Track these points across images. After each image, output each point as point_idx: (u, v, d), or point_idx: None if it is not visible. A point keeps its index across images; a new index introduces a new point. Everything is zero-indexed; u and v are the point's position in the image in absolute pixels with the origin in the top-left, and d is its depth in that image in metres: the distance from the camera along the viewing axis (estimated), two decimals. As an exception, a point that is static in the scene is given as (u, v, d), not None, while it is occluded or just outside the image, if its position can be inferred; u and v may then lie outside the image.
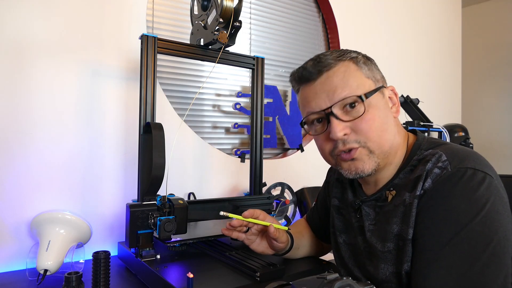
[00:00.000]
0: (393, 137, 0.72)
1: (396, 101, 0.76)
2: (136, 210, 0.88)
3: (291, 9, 1.85)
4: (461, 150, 0.67)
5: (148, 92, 0.98)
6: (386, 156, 0.72)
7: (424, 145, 0.73)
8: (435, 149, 0.69)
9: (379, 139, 0.69)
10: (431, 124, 1.96)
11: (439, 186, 0.63)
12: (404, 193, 0.70)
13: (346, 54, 0.73)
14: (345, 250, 0.84)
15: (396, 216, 0.69)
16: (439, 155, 0.66)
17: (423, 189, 0.65)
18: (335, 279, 0.43)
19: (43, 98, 1.10)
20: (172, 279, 0.78)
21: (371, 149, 0.70)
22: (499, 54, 2.87)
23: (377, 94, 0.71)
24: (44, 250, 0.92)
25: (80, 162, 1.16)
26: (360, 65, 0.72)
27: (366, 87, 0.71)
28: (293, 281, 0.46)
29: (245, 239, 0.89)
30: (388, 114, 0.72)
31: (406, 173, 0.72)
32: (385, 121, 0.71)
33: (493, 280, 0.57)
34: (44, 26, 1.10)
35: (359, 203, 0.79)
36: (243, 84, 1.64)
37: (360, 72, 0.72)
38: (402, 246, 0.67)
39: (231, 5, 0.99)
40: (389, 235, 0.70)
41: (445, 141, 0.75)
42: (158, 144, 0.90)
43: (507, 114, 2.82)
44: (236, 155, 1.52)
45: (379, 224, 0.74)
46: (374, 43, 2.15)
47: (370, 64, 0.74)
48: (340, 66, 0.71)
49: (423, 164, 0.67)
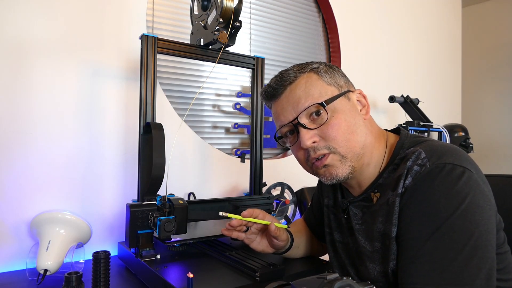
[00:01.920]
0: (364, 138, 0.73)
1: (366, 103, 0.77)
2: (136, 210, 0.88)
3: (291, 9, 1.85)
4: (440, 146, 0.68)
5: (148, 92, 0.98)
6: (360, 158, 0.73)
7: (406, 144, 0.74)
8: (415, 147, 0.70)
9: (347, 142, 0.71)
10: (431, 124, 1.96)
11: (418, 183, 0.64)
12: (387, 192, 0.70)
13: (307, 66, 0.76)
14: (342, 249, 0.84)
15: (381, 215, 0.70)
16: (418, 153, 0.67)
17: (404, 187, 0.66)
18: (335, 279, 0.43)
19: (43, 98, 1.10)
20: (172, 279, 0.78)
21: (342, 154, 0.71)
22: (499, 54, 2.87)
23: (341, 99, 0.73)
24: (44, 250, 0.92)
25: (80, 162, 1.16)
26: (321, 74, 0.75)
27: (328, 94, 0.73)
28: (293, 281, 0.46)
29: (245, 239, 0.89)
30: (356, 117, 0.74)
31: (390, 172, 0.73)
32: (352, 123, 0.72)
33: (476, 273, 0.58)
34: (44, 26, 1.10)
35: (346, 203, 0.81)
36: (243, 84, 1.65)
37: (321, 81, 0.74)
38: (388, 245, 0.68)
39: (231, 5, 0.99)
40: (376, 234, 0.71)
41: (427, 137, 0.76)
42: (158, 144, 0.90)
43: (507, 114, 2.81)
44: (236, 155, 1.52)
45: (365, 224, 0.75)
46: (374, 43, 2.15)
47: (332, 72, 0.76)
48: (301, 78, 0.74)
49: (404, 162, 0.68)
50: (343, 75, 0.78)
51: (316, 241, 1.04)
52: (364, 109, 0.77)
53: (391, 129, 0.83)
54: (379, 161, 0.75)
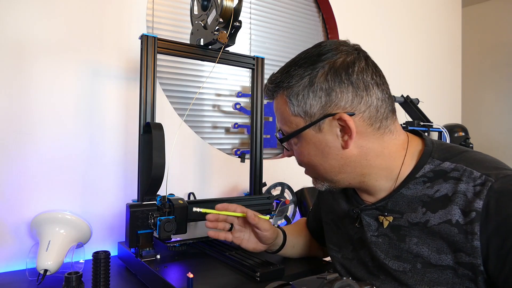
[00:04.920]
0: (338, 169, 0.67)
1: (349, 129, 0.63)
2: (136, 210, 0.88)
3: (291, 9, 1.85)
4: (483, 157, 0.64)
5: (148, 92, 0.98)
6: (338, 182, 0.70)
7: (435, 153, 0.66)
8: (457, 164, 0.63)
9: (313, 170, 0.71)
10: (431, 124, 1.96)
11: (496, 202, 0.56)
12: (420, 209, 0.64)
13: (286, 81, 0.68)
14: (349, 266, 0.78)
15: (416, 236, 0.64)
16: (469, 172, 0.61)
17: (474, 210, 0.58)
18: (335, 279, 0.43)
19: (43, 98, 1.10)
20: (172, 279, 0.78)
21: (313, 176, 0.73)
22: (499, 54, 2.87)
23: (309, 130, 0.66)
24: (44, 250, 0.92)
25: (80, 162, 1.16)
26: (290, 99, 0.66)
27: (292, 126, 0.68)
28: (293, 281, 0.46)
29: (233, 239, 0.87)
30: (327, 149, 0.66)
31: (418, 184, 0.65)
32: (318, 156, 0.67)
33: None
34: (44, 26, 1.10)
35: (357, 211, 0.73)
36: (243, 84, 1.64)
37: (287, 108, 0.67)
38: (421, 270, 0.63)
39: (231, 5, 0.99)
40: (406, 254, 0.65)
41: (455, 146, 0.69)
42: (158, 144, 0.90)
43: (507, 114, 2.81)
44: (236, 155, 1.52)
45: (385, 237, 0.68)
46: (374, 43, 2.15)
47: (307, 95, 0.65)
48: (277, 97, 0.71)
49: (446, 181, 0.62)
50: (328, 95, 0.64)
51: (315, 244, 1.02)
52: (347, 135, 0.64)
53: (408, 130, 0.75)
54: (394, 173, 0.68)
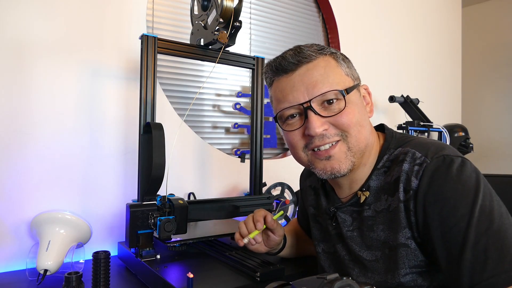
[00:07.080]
0: (369, 135, 0.71)
1: (370, 101, 0.75)
2: (136, 210, 0.88)
3: (291, 9, 1.85)
4: (429, 142, 0.68)
5: (148, 92, 0.98)
6: (362, 155, 0.70)
7: (392, 144, 0.72)
8: (404, 147, 0.69)
9: (358, 134, 0.68)
10: (431, 124, 1.96)
11: (430, 180, 0.62)
12: (383, 196, 0.68)
13: (326, 49, 0.72)
14: (325, 259, 0.82)
15: (381, 222, 0.68)
16: (412, 153, 0.66)
17: (411, 189, 0.63)
18: (335, 279, 0.43)
19: (43, 98, 1.10)
20: (172, 279, 0.78)
21: (349, 145, 0.68)
22: (499, 54, 2.87)
23: (355, 91, 0.71)
24: (44, 250, 0.92)
25: (80, 162, 1.15)
26: (340, 62, 0.71)
27: (346, 83, 0.70)
28: (293, 281, 0.46)
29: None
30: (364, 112, 0.72)
31: (380, 175, 0.71)
32: (363, 118, 0.70)
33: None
34: (44, 26, 1.10)
35: (333, 209, 0.77)
36: (243, 84, 1.64)
37: (340, 69, 0.71)
38: (388, 254, 0.66)
39: (231, 5, 0.99)
40: (376, 242, 0.68)
41: (411, 135, 0.74)
42: (158, 144, 0.90)
43: (507, 114, 2.81)
44: (236, 155, 1.52)
45: (359, 231, 0.72)
46: (374, 43, 2.15)
47: (348, 62, 0.74)
48: (321, 60, 0.69)
49: (397, 164, 0.67)
50: (355, 69, 0.76)
51: (310, 242, 1.02)
52: (368, 107, 0.74)
53: (375, 126, 0.79)
54: (373, 162, 0.73)
